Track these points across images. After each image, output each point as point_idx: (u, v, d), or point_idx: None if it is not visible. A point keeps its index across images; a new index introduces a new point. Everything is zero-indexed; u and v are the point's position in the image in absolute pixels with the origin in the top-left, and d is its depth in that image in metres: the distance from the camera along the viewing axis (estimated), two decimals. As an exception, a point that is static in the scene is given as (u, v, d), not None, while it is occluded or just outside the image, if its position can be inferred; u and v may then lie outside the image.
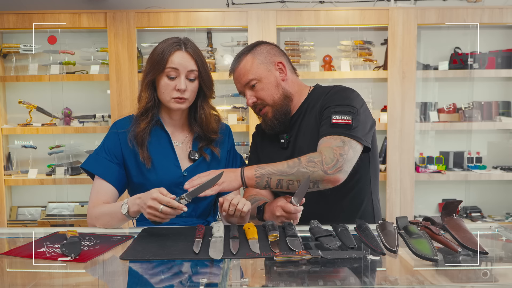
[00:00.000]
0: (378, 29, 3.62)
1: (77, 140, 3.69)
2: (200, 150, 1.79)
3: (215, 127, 1.82)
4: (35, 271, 1.26)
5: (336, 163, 1.56)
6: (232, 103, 3.65)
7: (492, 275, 1.20)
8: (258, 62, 1.77)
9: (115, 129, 1.77)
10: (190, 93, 1.71)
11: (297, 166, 1.57)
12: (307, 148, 1.72)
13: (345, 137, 1.61)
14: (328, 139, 1.62)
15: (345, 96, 1.72)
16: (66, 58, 3.58)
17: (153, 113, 1.75)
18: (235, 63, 1.82)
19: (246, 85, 1.78)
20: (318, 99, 1.78)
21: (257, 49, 1.80)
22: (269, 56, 1.79)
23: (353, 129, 1.62)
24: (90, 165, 1.74)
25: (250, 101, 1.79)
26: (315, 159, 1.57)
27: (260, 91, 1.76)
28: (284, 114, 1.78)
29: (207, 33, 3.65)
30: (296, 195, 1.55)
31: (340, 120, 1.63)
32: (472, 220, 3.60)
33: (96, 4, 3.65)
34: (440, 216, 1.48)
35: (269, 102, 1.77)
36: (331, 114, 1.66)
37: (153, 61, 1.70)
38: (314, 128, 1.74)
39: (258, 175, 1.59)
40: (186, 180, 1.74)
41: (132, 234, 1.53)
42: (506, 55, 3.56)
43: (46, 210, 3.68)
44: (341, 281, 1.14)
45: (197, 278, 1.14)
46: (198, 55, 1.72)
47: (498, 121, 3.59)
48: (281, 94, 1.78)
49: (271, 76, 1.77)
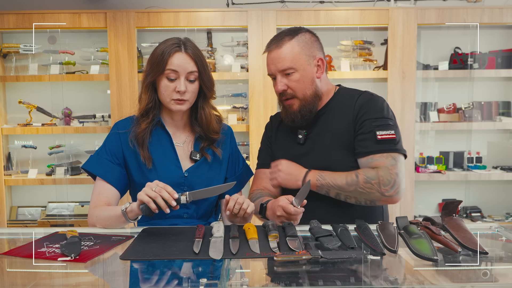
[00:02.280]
0: (378, 29, 3.62)
1: (77, 140, 3.69)
2: (201, 150, 1.78)
3: (216, 127, 1.81)
4: (35, 271, 1.26)
5: (394, 184, 1.62)
6: (232, 103, 3.65)
7: (492, 275, 1.20)
8: (301, 51, 1.71)
9: (116, 130, 1.77)
10: (190, 95, 1.70)
11: (355, 185, 1.63)
12: (325, 149, 1.73)
13: (394, 153, 1.66)
14: (380, 158, 1.65)
15: (380, 107, 1.72)
16: (66, 58, 3.58)
17: (154, 113, 1.74)
18: (275, 44, 1.73)
19: (281, 70, 1.72)
20: (344, 103, 1.77)
21: (302, 37, 1.73)
22: (312, 48, 1.73)
23: (397, 143, 1.68)
24: (91, 166, 1.74)
25: (279, 88, 1.73)
26: (372, 180, 1.61)
27: (293, 81, 1.71)
28: (310, 111, 1.76)
29: (207, 33, 3.65)
30: (297, 197, 1.56)
31: (385, 135, 1.66)
32: (472, 220, 3.60)
33: (96, 4, 3.65)
34: (440, 216, 1.48)
35: (299, 96, 1.73)
36: (374, 128, 1.67)
37: (153, 62, 1.69)
38: (337, 131, 1.74)
39: (319, 184, 1.67)
40: (187, 181, 1.74)
41: (132, 234, 1.53)
42: (506, 55, 3.55)
43: (46, 210, 3.68)
44: (341, 281, 1.14)
45: (197, 278, 1.14)
46: (198, 55, 1.70)
47: (498, 121, 3.59)
48: (313, 91, 1.74)
49: (309, 70, 1.72)
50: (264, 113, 3.44)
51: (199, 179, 1.76)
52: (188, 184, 1.74)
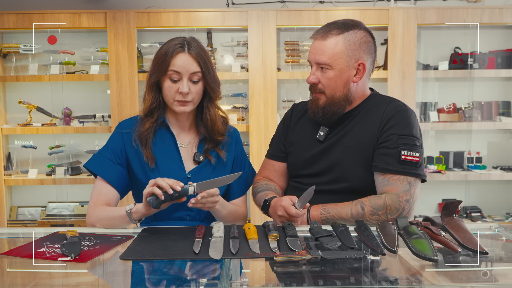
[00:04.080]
0: (378, 29, 3.62)
1: (77, 140, 3.69)
2: (205, 152, 1.76)
3: (221, 128, 1.80)
4: (35, 271, 1.26)
5: (401, 212, 1.58)
6: (232, 103, 3.65)
7: (492, 275, 1.20)
8: (343, 50, 1.63)
9: (120, 129, 1.76)
10: (193, 96, 1.68)
11: (361, 217, 1.57)
12: (345, 153, 1.68)
13: (411, 178, 1.61)
14: (395, 182, 1.60)
15: (411, 123, 1.66)
16: (66, 58, 3.58)
17: (158, 113, 1.74)
18: (321, 34, 1.66)
19: (317, 63, 1.67)
20: (372, 109, 1.71)
21: (351, 35, 1.64)
22: (357, 50, 1.65)
23: (419, 166, 1.62)
24: (93, 165, 1.73)
25: (311, 79, 1.68)
26: (379, 211, 1.57)
27: (326, 78, 1.65)
28: (334, 112, 1.68)
29: (207, 33, 3.65)
30: (300, 200, 1.55)
31: (409, 157, 1.61)
32: (472, 220, 3.60)
33: (96, 4, 3.65)
34: (440, 216, 1.48)
35: (327, 94, 1.67)
36: (399, 146, 1.61)
37: (156, 62, 1.68)
38: (360, 137, 1.68)
39: (323, 218, 1.61)
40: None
41: (132, 234, 1.53)
42: (506, 55, 3.55)
43: (46, 210, 3.68)
44: (341, 281, 1.14)
45: (197, 278, 1.14)
46: (202, 56, 1.67)
47: (498, 121, 3.59)
48: (343, 94, 1.67)
49: (346, 72, 1.65)
50: (264, 113, 3.44)
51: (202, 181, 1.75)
52: None
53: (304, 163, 1.76)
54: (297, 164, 1.79)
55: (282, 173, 1.87)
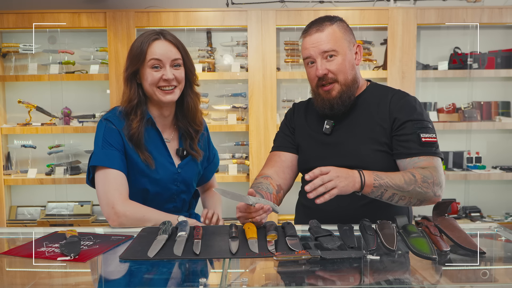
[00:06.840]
0: (377, 29, 3.63)
1: (77, 139, 3.69)
2: (187, 148, 1.80)
3: (201, 118, 1.84)
4: (34, 271, 1.26)
5: (442, 186, 1.63)
6: (232, 103, 3.64)
7: (492, 275, 1.20)
8: (342, 35, 1.71)
9: (112, 125, 1.71)
10: (179, 80, 1.70)
11: (413, 184, 1.57)
12: (355, 142, 1.71)
13: (437, 157, 1.67)
14: (427, 159, 1.65)
15: (419, 109, 1.72)
16: (66, 57, 3.58)
17: (142, 110, 1.71)
18: (315, 28, 1.71)
19: (323, 52, 1.69)
20: (376, 98, 1.75)
21: (340, 23, 1.74)
22: (349, 35, 1.75)
23: (438, 147, 1.69)
24: (103, 161, 1.66)
25: (320, 71, 1.69)
26: (428, 179, 1.59)
27: (336, 65, 1.69)
28: (349, 97, 1.72)
29: (207, 33, 3.65)
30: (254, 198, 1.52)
31: (429, 138, 1.66)
32: (472, 220, 3.60)
33: (96, 4, 3.65)
34: (432, 216, 1.48)
35: (340, 80, 1.70)
36: (417, 130, 1.66)
37: (132, 55, 1.68)
38: (368, 125, 1.72)
39: (376, 184, 1.55)
40: (179, 176, 1.76)
41: (132, 234, 1.53)
42: (505, 55, 3.56)
43: (46, 209, 3.67)
44: (341, 281, 1.14)
45: (197, 278, 1.15)
46: (179, 42, 1.71)
47: (498, 121, 3.59)
48: (353, 77, 1.73)
49: (349, 55, 1.72)
50: (264, 112, 3.44)
51: (190, 174, 1.81)
52: (181, 180, 1.77)
53: (317, 157, 1.77)
54: (309, 160, 1.79)
55: (289, 164, 1.85)
